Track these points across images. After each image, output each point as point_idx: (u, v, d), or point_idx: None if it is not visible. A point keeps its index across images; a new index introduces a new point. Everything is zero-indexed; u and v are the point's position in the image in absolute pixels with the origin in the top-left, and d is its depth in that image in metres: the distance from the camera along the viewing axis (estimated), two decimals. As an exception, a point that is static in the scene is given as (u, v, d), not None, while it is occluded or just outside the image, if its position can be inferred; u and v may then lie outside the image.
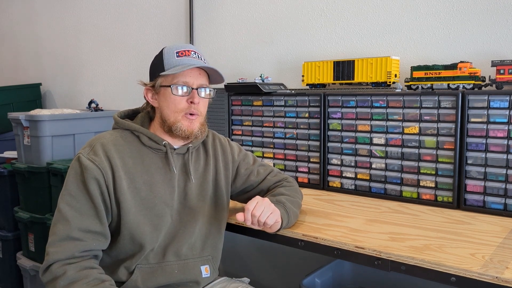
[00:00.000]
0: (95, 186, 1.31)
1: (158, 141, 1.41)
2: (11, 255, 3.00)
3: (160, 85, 1.40)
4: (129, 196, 1.35)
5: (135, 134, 1.42)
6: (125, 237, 1.36)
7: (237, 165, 1.60)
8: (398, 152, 1.80)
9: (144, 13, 3.04)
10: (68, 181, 1.34)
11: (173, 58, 1.39)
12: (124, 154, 1.37)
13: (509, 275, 1.11)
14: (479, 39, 1.86)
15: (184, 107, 1.39)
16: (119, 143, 1.38)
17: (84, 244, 1.28)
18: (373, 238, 1.39)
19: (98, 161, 1.32)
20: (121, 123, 1.43)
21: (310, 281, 1.68)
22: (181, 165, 1.45)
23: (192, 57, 1.41)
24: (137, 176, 1.37)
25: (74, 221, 1.28)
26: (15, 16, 4.00)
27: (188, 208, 1.45)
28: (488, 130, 1.59)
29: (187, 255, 1.44)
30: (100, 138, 1.39)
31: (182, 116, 1.39)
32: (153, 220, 1.38)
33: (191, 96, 1.39)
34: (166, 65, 1.39)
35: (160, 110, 1.42)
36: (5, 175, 2.96)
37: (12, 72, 4.09)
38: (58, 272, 1.24)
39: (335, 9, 2.24)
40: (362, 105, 1.87)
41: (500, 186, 1.59)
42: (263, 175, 1.62)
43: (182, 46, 1.43)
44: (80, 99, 3.49)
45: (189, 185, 1.45)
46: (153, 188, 1.39)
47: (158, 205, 1.39)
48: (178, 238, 1.43)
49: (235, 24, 2.61)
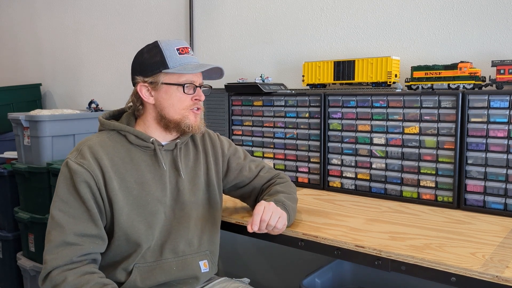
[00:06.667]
0: (86, 190, 1.30)
1: (146, 138, 1.40)
2: (11, 256, 3.00)
3: (163, 82, 1.39)
4: (121, 196, 1.34)
5: (122, 133, 1.41)
6: (120, 238, 1.35)
7: (227, 159, 1.60)
8: (398, 152, 1.80)
9: (144, 13, 3.04)
10: (58, 187, 1.33)
11: (176, 56, 1.40)
12: (113, 155, 1.37)
13: (509, 274, 1.11)
14: (479, 39, 1.86)
15: (190, 104, 1.43)
16: (106, 144, 1.38)
17: (81, 248, 1.27)
18: (373, 238, 1.39)
19: (86, 164, 1.31)
20: (106, 124, 1.43)
21: (310, 281, 1.68)
22: (171, 161, 1.46)
23: (191, 55, 1.44)
24: (127, 175, 1.37)
25: (69, 226, 1.27)
26: (15, 16, 4.00)
27: (181, 204, 1.45)
28: (488, 130, 1.59)
29: (185, 251, 1.44)
30: (86, 141, 1.39)
31: (188, 111, 1.42)
32: (147, 218, 1.38)
33: (197, 94, 1.44)
34: (170, 63, 1.39)
35: (160, 108, 1.42)
36: (5, 175, 2.96)
37: (12, 72, 4.08)
38: (58, 279, 1.22)
39: (335, 9, 2.24)
40: (362, 105, 1.87)
41: (500, 186, 1.59)
42: (255, 172, 1.63)
43: (179, 43, 1.43)
44: (80, 99, 3.49)
45: (180, 181, 1.45)
46: (145, 186, 1.38)
47: (151, 203, 1.39)
48: (174, 235, 1.43)
49: (235, 24, 2.62)
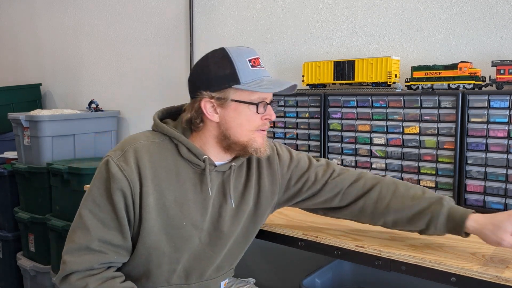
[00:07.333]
0: (121, 198, 1.18)
1: (198, 154, 1.24)
2: (11, 256, 3.01)
3: (232, 99, 1.21)
4: (155, 215, 1.22)
5: (174, 141, 1.26)
6: (141, 256, 1.25)
7: (288, 177, 1.40)
8: (398, 152, 1.80)
9: (144, 13, 3.04)
10: (93, 185, 1.22)
11: (248, 69, 1.21)
12: (158, 165, 1.22)
13: (509, 274, 1.11)
14: (479, 39, 1.86)
15: (259, 124, 1.25)
16: (154, 150, 1.23)
17: (104, 257, 1.19)
18: (373, 237, 1.39)
19: (127, 171, 1.18)
20: (160, 127, 1.27)
21: (310, 281, 1.68)
22: (219, 185, 1.29)
23: (263, 67, 1.25)
24: (168, 191, 1.23)
25: (95, 231, 1.18)
26: (15, 16, 4.01)
27: (220, 232, 1.30)
28: (488, 130, 1.59)
29: (211, 276, 1.36)
30: (134, 141, 1.24)
31: (255, 133, 1.25)
32: (176, 242, 1.25)
33: (268, 113, 1.25)
34: (241, 77, 1.20)
35: (225, 127, 1.24)
36: (5, 175, 2.97)
37: (12, 72, 4.09)
38: (79, 284, 1.17)
39: (335, 9, 2.24)
40: (362, 105, 1.87)
41: (500, 186, 1.59)
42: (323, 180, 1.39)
43: (250, 52, 1.24)
44: (80, 99, 3.49)
45: (224, 207, 1.30)
46: (184, 208, 1.24)
47: (185, 227, 1.25)
48: (205, 261, 1.32)
49: (235, 24, 2.62)
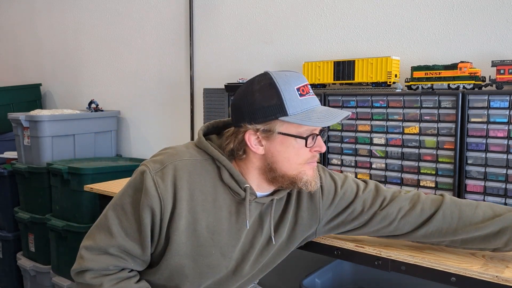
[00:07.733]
0: (148, 215, 1.13)
1: (240, 182, 1.17)
2: (11, 256, 3.01)
3: (279, 132, 1.12)
4: (184, 239, 1.16)
5: (217, 163, 1.19)
6: (162, 273, 1.21)
7: (330, 212, 1.30)
8: (398, 152, 1.80)
9: (144, 13, 3.04)
10: (126, 191, 1.18)
11: (297, 99, 1.11)
12: (196, 187, 1.16)
13: (509, 274, 1.11)
14: (479, 39, 1.86)
15: (309, 157, 1.17)
16: (195, 171, 1.17)
17: (121, 262, 1.18)
18: (373, 237, 1.39)
19: (162, 189, 1.13)
20: (204, 146, 1.20)
21: (310, 281, 1.68)
22: (257, 216, 1.23)
23: (312, 95, 1.16)
24: (201, 217, 1.17)
25: (117, 238, 1.16)
26: (15, 16, 4.01)
27: (248, 260, 1.25)
28: (488, 130, 1.59)
29: None
30: (176, 157, 1.17)
31: (304, 166, 1.17)
32: (202, 269, 1.21)
33: (318, 145, 1.16)
34: (289, 108, 1.10)
35: (271, 160, 1.16)
36: (5, 175, 2.97)
37: (12, 72, 4.09)
38: (94, 282, 1.16)
39: (335, 9, 2.24)
40: (362, 105, 1.87)
41: (500, 186, 1.59)
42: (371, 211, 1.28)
43: (298, 78, 1.15)
44: (80, 99, 3.49)
45: (258, 239, 1.24)
46: (215, 236, 1.18)
47: (214, 256, 1.20)
48: (227, 285, 1.27)
49: (235, 24, 2.62)
